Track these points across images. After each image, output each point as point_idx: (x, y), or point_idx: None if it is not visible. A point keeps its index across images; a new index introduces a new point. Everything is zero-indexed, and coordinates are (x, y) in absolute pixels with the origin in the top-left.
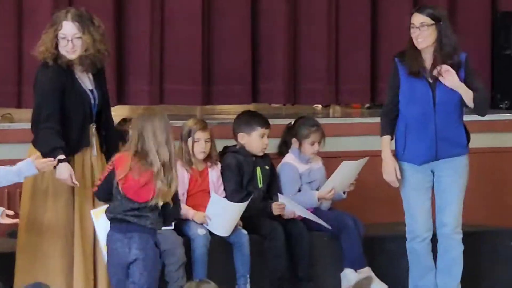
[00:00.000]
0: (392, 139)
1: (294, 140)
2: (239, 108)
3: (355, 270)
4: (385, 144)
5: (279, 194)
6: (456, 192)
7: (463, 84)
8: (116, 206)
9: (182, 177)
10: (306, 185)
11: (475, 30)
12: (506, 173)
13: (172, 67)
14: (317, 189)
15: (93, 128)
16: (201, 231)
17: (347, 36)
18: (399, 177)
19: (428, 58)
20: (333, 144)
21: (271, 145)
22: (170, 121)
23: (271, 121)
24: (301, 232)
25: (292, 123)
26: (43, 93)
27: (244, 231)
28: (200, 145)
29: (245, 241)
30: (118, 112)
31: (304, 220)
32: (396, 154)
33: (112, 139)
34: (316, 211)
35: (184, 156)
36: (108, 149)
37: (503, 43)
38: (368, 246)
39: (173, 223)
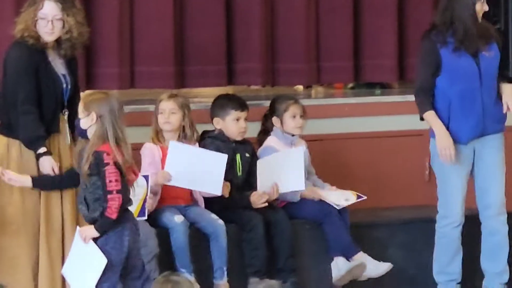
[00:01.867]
0: None
1: (274, 119)
2: (216, 91)
3: (348, 258)
4: (435, 118)
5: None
6: (499, 171)
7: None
8: None
9: (153, 155)
10: None
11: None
12: None
13: (142, 46)
14: None
15: (65, 115)
16: (178, 218)
17: (328, 10)
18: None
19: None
20: (317, 127)
21: (252, 129)
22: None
23: (250, 104)
24: (282, 221)
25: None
26: (18, 73)
27: (221, 222)
28: (163, 116)
29: (221, 232)
30: None
31: (285, 207)
32: None
33: None
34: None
35: (153, 132)
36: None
37: (493, 16)
38: (353, 234)
39: (146, 214)
